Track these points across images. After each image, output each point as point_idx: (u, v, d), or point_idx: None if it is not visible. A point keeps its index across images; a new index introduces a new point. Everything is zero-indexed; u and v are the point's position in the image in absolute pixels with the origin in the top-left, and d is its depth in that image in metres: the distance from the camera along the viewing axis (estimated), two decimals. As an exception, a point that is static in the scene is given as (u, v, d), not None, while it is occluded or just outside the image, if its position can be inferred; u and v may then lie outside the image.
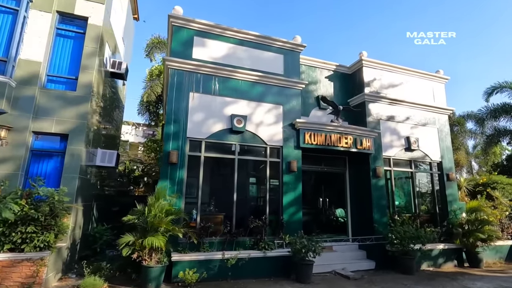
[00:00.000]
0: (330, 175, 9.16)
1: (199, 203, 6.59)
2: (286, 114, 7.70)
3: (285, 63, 8.05)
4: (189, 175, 6.65)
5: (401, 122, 9.15)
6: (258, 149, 7.43)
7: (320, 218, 8.89)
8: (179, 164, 6.46)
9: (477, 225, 8.29)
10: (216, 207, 7.08)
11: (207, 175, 6.94)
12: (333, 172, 9.06)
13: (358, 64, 9.16)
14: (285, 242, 6.64)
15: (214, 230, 6.53)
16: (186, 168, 6.61)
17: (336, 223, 9.06)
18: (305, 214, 8.75)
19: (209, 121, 6.95)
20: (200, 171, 6.72)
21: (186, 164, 6.62)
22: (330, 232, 8.83)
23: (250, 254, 6.17)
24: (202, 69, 7.07)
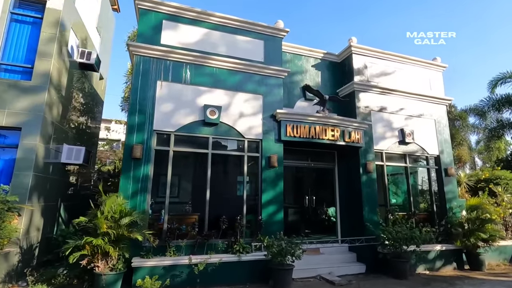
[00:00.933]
0: (318, 171, 8.52)
1: (167, 203, 5.97)
2: (267, 105, 7.06)
3: (266, 49, 7.40)
4: (156, 172, 6.04)
5: (395, 113, 8.46)
6: (234, 143, 6.81)
7: (307, 218, 8.24)
8: (144, 159, 5.85)
9: (478, 224, 7.58)
10: (187, 206, 6.47)
11: (177, 172, 6.35)
12: (321, 167, 8.41)
13: (347, 51, 8.48)
14: (263, 244, 6.00)
15: (186, 232, 5.94)
16: (153, 164, 6.00)
17: (328, 223, 8.39)
18: (290, 214, 8.17)
19: (179, 113, 6.34)
20: (169, 167, 6.11)
21: (153, 159, 6.01)
22: (319, 233, 8.19)
23: (221, 259, 5.54)
24: (172, 56, 6.46)
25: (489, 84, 12.73)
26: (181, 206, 6.71)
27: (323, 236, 8.00)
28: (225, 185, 6.98)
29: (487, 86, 12.81)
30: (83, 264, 4.64)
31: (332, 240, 7.59)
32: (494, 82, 12.57)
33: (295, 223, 8.14)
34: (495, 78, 12.53)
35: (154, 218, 6.11)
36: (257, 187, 6.68)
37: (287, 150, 7.59)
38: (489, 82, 12.70)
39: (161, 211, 6.09)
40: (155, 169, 6.02)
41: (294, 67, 8.33)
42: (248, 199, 6.58)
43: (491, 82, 12.64)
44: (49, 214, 6.67)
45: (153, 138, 6.05)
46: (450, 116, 20.51)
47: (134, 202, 5.64)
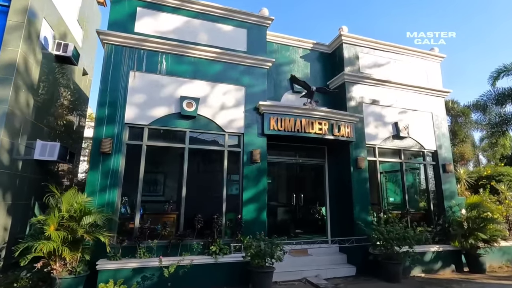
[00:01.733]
0: (307, 168, 8.09)
1: (139, 200, 5.58)
2: (250, 97, 6.64)
3: (249, 38, 6.99)
4: (128, 168, 5.65)
5: (388, 106, 7.98)
6: (214, 137, 6.40)
7: (297, 217, 7.80)
8: (114, 154, 5.47)
9: (478, 224, 7.07)
10: (166, 205, 6.08)
11: (151, 168, 5.97)
12: (310, 164, 7.97)
13: (337, 41, 8.03)
14: (243, 245, 5.57)
15: (160, 232, 5.55)
16: (124, 159, 5.62)
17: (321, 222, 7.92)
18: (279, 213, 7.74)
19: (153, 105, 5.95)
20: (142, 163, 5.71)
21: (124, 154, 5.63)
22: (311, 233, 7.75)
23: (192, 260, 5.12)
24: (147, 45, 6.07)
25: (490, 77, 12.14)
26: (158, 204, 6.33)
27: (315, 236, 7.57)
28: (204, 182, 6.58)
29: (488, 79, 12.24)
30: (37, 267, 4.26)
31: (322, 241, 7.16)
32: (496, 75, 11.98)
33: (284, 222, 7.72)
34: (496, 70, 11.94)
35: (127, 217, 5.73)
36: (238, 184, 6.26)
37: (273, 145, 7.18)
38: (490, 74, 12.11)
39: (136, 211, 5.70)
40: (127, 165, 5.64)
41: (282, 58, 7.91)
42: (228, 197, 6.16)
43: (492, 75, 12.06)
44: (20, 214, 6.30)
45: (124, 132, 5.67)
46: (453, 113, 19.98)
47: (102, 199, 5.26)
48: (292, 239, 7.26)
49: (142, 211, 6.02)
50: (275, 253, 5.10)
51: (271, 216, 7.25)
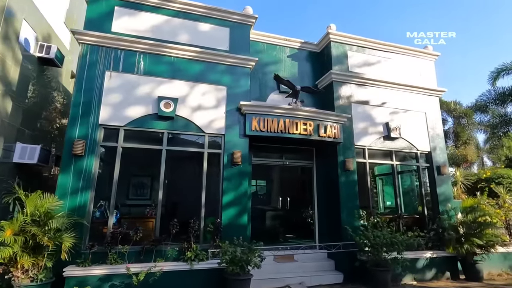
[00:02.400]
0: (295, 170, 7.82)
1: (112, 204, 5.38)
2: (231, 97, 6.43)
3: (232, 37, 6.80)
4: (102, 170, 5.49)
5: (379, 105, 7.70)
6: (193, 139, 6.20)
7: (283, 221, 7.52)
8: (86, 156, 5.30)
9: (473, 229, 6.71)
10: (141, 208, 5.88)
11: (126, 170, 5.78)
12: (298, 166, 7.73)
13: (326, 39, 7.81)
14: (221, 251, 5.32)
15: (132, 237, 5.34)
16: (98, 161, 5.45)
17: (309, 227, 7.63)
18: (263, 217, 7.48)
19: (130, 105, 5.78)
20: (116, 165, 5.53)
21: (98, 156, 5.46)
22: (298, 237, 7.48)
23: (162, 268, 4.88)
24: (124, 44, 5.93)
25: (490, 76, 11.81)
26: (137, 208, 6.13)
27: (303, 241, 7.33)
28: (183, 185, 6.37)
29: (488, 79, 11.88)
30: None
31: (309, 246, 6.86)
32: (496, 74, 11.64)
33: (271, 227, 7.47)
34: (496, 69, 11.59)
35: (101, 221, 5.54)
36: (218, 187, 6.03)
37: (258, 147, 6.98)
38: (490, 74, 11.76)
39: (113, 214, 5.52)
40: (101, 167, 5.47)
41: (268, 57, 7.71)
42: (207, 201, 5.93)
43: (492, 74, 11.70)
44: None
45: (98, 133, 5.50)
46: (455, 114, 19.50)
47: (73, 203, 5.08)
48: (279, 244, 7.01)
49: (119, 215, 5.85)
50: (251, 260, 4.83)
51: (257, 220, 7.01)
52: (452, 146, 18.06)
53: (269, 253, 6.03)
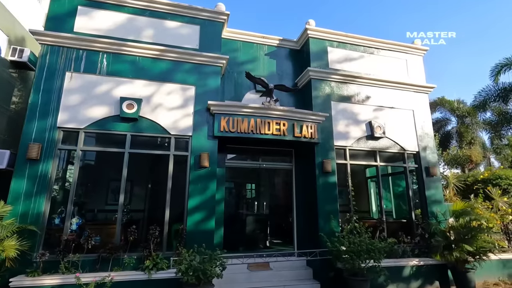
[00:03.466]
0: (274, 173, 7.46)
1: (69, 210, 5.13)
2: (200, 97, 6.15)
3: (202, 35, 6.54)
4: (59, 175, 5.26)
5: (362, 103, 7.29)
6: (158, 141, 5.93)
7: (261, 227, 7.15)
8: (43, 160, 5.08)
9: (464, 234, 6.19)
10: (105, 214, 5.63)
11: (86, 175, 5.54)
12: (276, 168, 7.36)
13: (304, 36, 7.47)
14: (178, 260, 5.00)
15: (100, 244, 5.10)
16: (56, 165, 5.23)
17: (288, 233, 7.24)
18: (238, 222, 7.13)
19: (90, 107, 5.56)
20: (75, 169, 5.30)
21: (56, 160, 5.24)
22: (277, 244, 7.11)
23: (113, 277, 4.58)
24: (86, 44, 5.74)
25: (491, 71, 11.18)
26: (101, 214, 5.87)
27: (283, 247, 6.95)
28: (148, 189, 6.09)
29: (490, 75, 11.27)
30: None
31: (287, 253, 6.47)
32: (498, 69, 11.02)
33: (247, 233, 7.09)
34: (498, 64, 10.99)
35: (60, 228, 5.29)
36: (185, 191, 5.72)
37: (233, 149, 6.67)
38: (491, 69, 11.16)
39: (73, 220, 5.28)
40: (57, 172, 5.24)
41: (244, 56, 7.42)
42: (172, 205, 5.63)
43: (494, 69, 11.10)
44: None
45: (56, 136, 5.28)
46: (458, 113, 18.75)
47: (26, 209, 4.85)
48: (255, 251, 6.64)
49: (81, 222, 5.61)
50: (208, 269, 4.49)
51: (231, 226, 6.66)
52: (455, 147, 17.31)
53: (242, 261, 5.68)
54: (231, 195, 6.63)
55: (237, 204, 7.15)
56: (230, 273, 5.69)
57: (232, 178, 6.74)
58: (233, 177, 6.75)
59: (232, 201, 6.76)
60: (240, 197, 7.35)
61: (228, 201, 6.47)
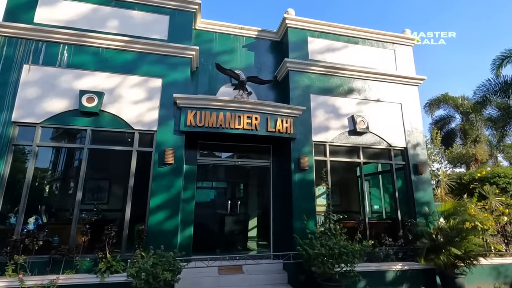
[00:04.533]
0: (251, 171, 7.08)
1: (21, 209, 4.87)
2: (167, 90, 5.83)
3: (172, 26, 6.23)
4: (13, 172, 5.00)
5: (343, 96, 6.84)
6: (121, 136, 5.63)
7: (236, 227, 6.78)
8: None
9: (452, 236, 5.68)
10: (65, 213, 5.36)
11: (43, 172, 5.26)
12: (253, 166, 6.99)
13: (283, 26, 7.07)
14: (130, 263, 4.66)
15: (57, 244, 4.83)
16: (10, 163, 4.98)
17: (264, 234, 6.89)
18: (211, 223, 6.77)
19: (49, 101, 5.30)
20: (30, 166, 5.03)
21: (10, 156, 4.99)
22: (253, 246, 6.71)
23: (56, 281, 4.28)
24: (46, 35, 5.49)
25: (492, 64, 10.51)
26: (62, 213, 5.61)
27: (262, 250, 6.57)
28: (107, 187, 5.78)
29: (491, 69, 10.59)
30: None
31: (263, 255, 6.07)
32: (499, 62, 10.35)
33: (224, 234, 6.73)
34: (499, 56, 10.32)
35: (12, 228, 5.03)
36: (146, 188, 5.40)
37: (205, 145, 6.35)
38: (492, 62, 10.48)
39: (21, 220, 5.01)
40: (11, 169, 4.99)
41: (220, 47, 7.07)
42: (134, 204, 5.31)
43: (495, 62, 10.42)
44: None
45: (11, 131, 5.04)
46: (462, 110, 17.96)
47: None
48: (230, 253, 6.28)
49: (40, 221, 5.35)
50: (160, 274, 4.14)
51: (203, 227, 6.32)
52: (458, 145, 16.55)
53: (208, 263, 5.31)
54: (204, 193, 6.28)
55: (210, 203, 6.79)
56: (197, 277, 5.39)
57: (205, 176, 6.39)
58: (205, 175, 6.41)
59: (205, 200, 6.41)
60: (214, 196, 6.99)
61: (200, 200, 6.11)
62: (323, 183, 6.11)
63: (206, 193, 6.80)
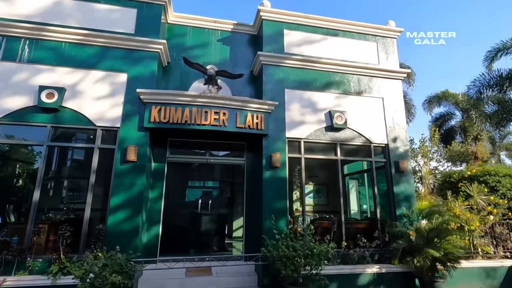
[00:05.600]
0: (225, 169, 6.85)
1: (-25, 208, 4.74)
2: (132, 85, 5.62)
3: (139, 19, 6.03)
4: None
5: (321, 90, 6.55)
6: (82, 133, 5.46)
7: (207, 227, 6.55)
8: None
9: (430, 237, 5.35)
10: (19, 213, 5.21)
11: (5, 171, 5.11)
12: (227, 164, 6.75)
13: (258, 19, 6.81)
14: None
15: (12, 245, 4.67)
16: (-35, 160, 4.85)
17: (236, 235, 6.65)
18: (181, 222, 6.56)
19: (7, 97, 5.15)
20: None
21: (-35, 154, 4.86)
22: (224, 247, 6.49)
23: (2, 283, 4.11)
24: (5, 30, 5.35)
25: (485, 57, 10.09)
26: (19, 213, 5.45)
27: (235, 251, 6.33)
28: (65, 186, 5.62)
29: (483, 61, 10.17)
30: None
31: (234, 257, 5.85)
32: (492, 55, 9.93)
33: (194, 234, 6.51)
34: (493, 49, 9.89)
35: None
36: (107, 187, 5.21)
37: (176, 142, 6.13)
38: (485, 55, 10.06)
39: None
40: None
41: (193, 41, 6.86)
42: (94, 203, 5.13)
43: (488, 55, 10.00)
44: None
45: (-33, 128, 4.91)
46: (462, 106, 17.40)
47: None
48: (200, 254, 6.06)
49: (0, 220, 5.20)
50: (108, 277, 3.93)
51: (172, 227, 6.11)
52: (457, 143, 16.00)
53: (169, 265, 5.09)
54: (173, 192, 6.07)
55: (182, 202, 6.57)
56: (162, 279, 5.17)
57: (175, 174, 6.18)
58: (176, 173, 6.20)
59: (174, 199, 6.20)
60: (186, 195, 6.77)
61: (169, 199, 5.90)
62: (296, 181, 5.83)
63: (178, 191, 6.58)
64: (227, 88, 6.66)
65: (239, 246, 6.34)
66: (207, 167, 6.79)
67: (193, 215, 6.41)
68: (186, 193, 6.78)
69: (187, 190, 6.81)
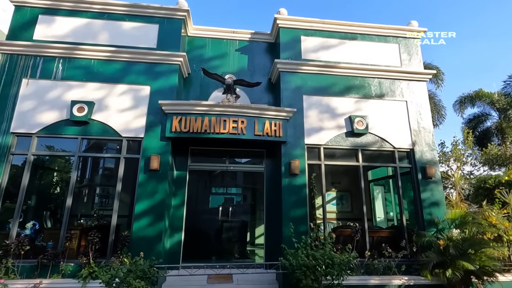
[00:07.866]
0: (246, 176, 6.89)
1: (17, 214, 5.14)
2: (155, 97, 5.89)
3: (161, 34, 6.33)
4: (11, 180, 5.31)
5: (340, 95, 6.44)
6: (110, 143, 5.77)
7: (229, 235, 6.60)
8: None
9: (463, 248, 5.00)
10: (55, 219, 5.58)
11: (36, 180, 5.53)
12: (247, 171, 6.79)
13: (275, 27, 6.88)
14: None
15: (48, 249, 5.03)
16: (8, 170, 5.30)
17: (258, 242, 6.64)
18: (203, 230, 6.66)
19: (43, 112, 5.60)
20: (25, 174, 5.32)
21: (9, 165, 5.32)
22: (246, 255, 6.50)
23: (35, 285, 4.40)
24: (43, 51, 5.84)
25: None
26: (55, 219, 5.85)
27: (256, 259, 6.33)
28: (97, 194, 5.92)
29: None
30: None
31: (256, 265, 5.83)
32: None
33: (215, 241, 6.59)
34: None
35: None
36: (132, 195, 5.45)
37: (197, 151, 6.30)
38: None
39: (16, 224, 5.30)
40: (9, 178, 5.30)
41: (212, 53, 7.05)
42: (122, 210, 5.39)
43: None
44: None
45: (10, 141, 5.38)
46: (498, 106, 16.23)
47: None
48: (222, 261, 6.12)
49: (37, 227, 5.62)
50: (132, 282, 4.09)
51: (193, 234, 6.23)
52: (494, 145, 14.87)
53: (191, 272, 5.19)
54: (195, 199, 6.21)
55: (204, 209, 6.70)
56: (184, 285, 5.29)
57: (197, 182, 6.33)
58: (197, 181, 6.35)
59: (197, 206, 6.34)
60: (206, 202, 6.89)
61: (191, 206, 6.05)
62: (314, 188, 5.74)
63: (200, 199, 6.72)
64: (245, 97, 6.76)
65: (261, 253, 6.31)
66: (228, 174, 6.88)
67: (214, 221, 6.50)
68: (209, 199, 6.91)
69: (210, 197, 6.93)
